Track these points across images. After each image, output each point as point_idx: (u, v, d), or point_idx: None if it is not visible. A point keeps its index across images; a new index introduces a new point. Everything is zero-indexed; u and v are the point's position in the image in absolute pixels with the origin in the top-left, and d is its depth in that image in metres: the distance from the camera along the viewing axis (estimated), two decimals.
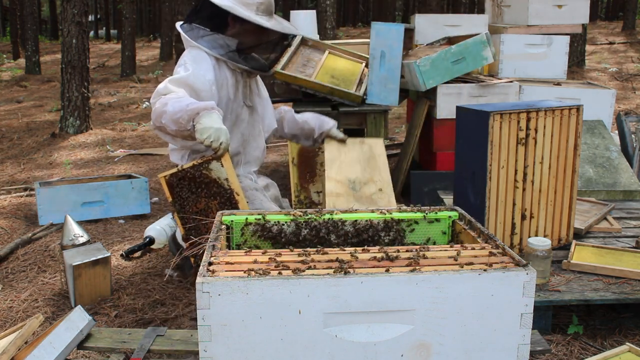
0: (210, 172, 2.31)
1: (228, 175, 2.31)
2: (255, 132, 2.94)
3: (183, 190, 2.34)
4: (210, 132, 2.23)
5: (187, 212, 2.35)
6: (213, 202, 2.32)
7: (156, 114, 2.37)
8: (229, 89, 2.72)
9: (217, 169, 2.31)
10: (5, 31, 26.60)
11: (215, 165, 2.31)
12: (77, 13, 6.83)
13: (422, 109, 4.23)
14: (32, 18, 14.18)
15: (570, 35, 4.50)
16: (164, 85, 2.48)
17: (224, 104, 2.70)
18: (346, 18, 33.56)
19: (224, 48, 2.69)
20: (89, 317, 1.99)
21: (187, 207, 2.35)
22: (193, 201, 2.34)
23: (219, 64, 2.69)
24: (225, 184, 2.31)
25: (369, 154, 2.93)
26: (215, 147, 2.26)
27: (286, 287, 1.25)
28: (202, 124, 2.25)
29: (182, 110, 2.28)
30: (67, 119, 7.06)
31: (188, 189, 2.34)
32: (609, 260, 2.56)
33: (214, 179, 2.32)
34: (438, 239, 1.77)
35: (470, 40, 3.89)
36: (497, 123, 2.48)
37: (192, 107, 2.28)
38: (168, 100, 2.36)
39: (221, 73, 2.69)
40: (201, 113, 2.26)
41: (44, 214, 3.87)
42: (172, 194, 2.36)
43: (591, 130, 3.96)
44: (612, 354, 2.02)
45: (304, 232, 1.69)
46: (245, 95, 2.85)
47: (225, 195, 2.31)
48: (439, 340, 1.32)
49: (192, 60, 2.62)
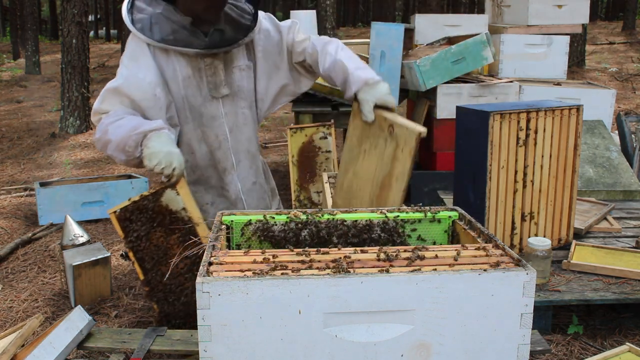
0: (165, 203, 2.00)
1: (185, 204, 2.00)
2: (240, 122, 2.36)
3: (136, 226, 2.02)
4: (159, 157, 1.93)
5: (143, 250, 2.04)
6: (171, 237, 2.01)
7: (100, 143, 2.07)
8: (181, 84, 2.20)
9: (172, 198, 2.00)
10: (5, 31, 26.60)
11: (170, 194, 2.00)
12: (77, 13, 6.83)
13: (422, 109, 4.23)
14: (32, 18, 14.17)
15: (570, 35, 4.50)
16: (99, 100, 2.13)
17: (179, 103, 2.23)
18: (346, 18, 33.56)
19: (171, 28, 2.12)
20: (89, 317, 1.99)
21: (142, 244, 2.03)
22: (148, 237, 2.02)
23: (167, 53, 2.16)
24: (183, 214, 1.99)
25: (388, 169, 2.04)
26: (168, 174, 1.96)
27: (286, 287, 1.25)
28: (150, 148, 1.94)
29: (128, 135, 1.97)
30: (67, 119, 7.06)
31: (141, 224, 2.01)
32: (609, 260, 2.56)
33: (169, 209, 2.00)
34: (438, 239, 1.76)
35: (470, 40, 3.89)
36: (497, 123, 2.48)
37: (139, 130, 1.97)
38: (108, 127, 2.03)
39: (169, 65, 2.17)
40: (149, 135, 1.96)
41: (44, 214, 3.88)
42: (124, 231, 2.03)
43: (591, 130, 3.96)
44: (612, 354, 2.02)
45: (304, 232, 1.69)
46: (215, 84, 2.25)
47: (185, 227, 2.00)
48: (439, 340, 1.32)
49: (130, 57, 2.15)
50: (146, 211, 2.01)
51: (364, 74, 2.20)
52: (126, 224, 2.03)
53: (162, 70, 2.16)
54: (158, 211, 2.00)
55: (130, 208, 2.01)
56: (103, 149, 2.08)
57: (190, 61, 2.19)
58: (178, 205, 2.00)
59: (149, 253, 2.04)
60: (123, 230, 2.04)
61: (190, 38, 2.14)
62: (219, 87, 2.27)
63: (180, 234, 2.00)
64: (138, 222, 2.02)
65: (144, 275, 2.07)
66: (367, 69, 2.25)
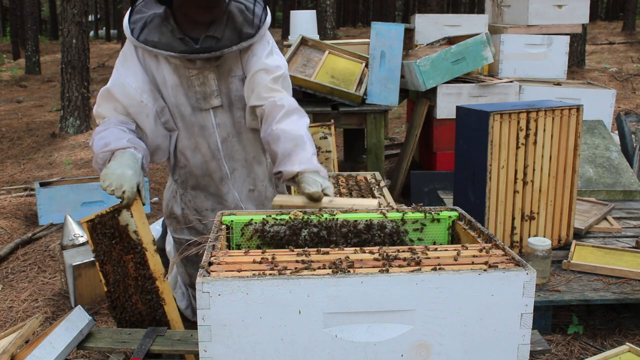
0: (120, 222, 1.98)
1: (137, 227, 1.96)
2: (235, 131, 2.24)
3: (101, 239, 2.03)
4: (111, 178, 1.89)
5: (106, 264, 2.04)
6: (126, 256, 2.00)
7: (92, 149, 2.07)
8: (170, 92, 2.13)
9: (127, 219, 1.98)
10: (5, 31, 26.60)
11: (126, 214, 1.98)
12: (77, 13, 6.83)
13: (422, 109, 4.23)
14: (32, 18, 14.17)
15: (570, 35, 4.50)
16: (97, 103, 2.12)
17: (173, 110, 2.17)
18: (346, 18, 33.56)
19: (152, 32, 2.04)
20: (89, 317, 1.99)
21: (104, 257, 2.05)
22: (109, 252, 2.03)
23: (157, 58, 2.09)
24: (134, 236, 1.97)
25: None
26: (118, 196, 1.91)
27: (286, 287, 1.25)
28: (107, 168, 1.91)
29: (101, 151, 1.98)
30: (67, 119, 7.06)
31: (104, 238, 2.02)
32: (609, 260, 2.56)
33: (124, 230, 1.99)
34: (438, 239, 1.76)
35: (470, 40, 3.89)
36: (497, 123, 2.48)
37: (107, 148, 1.96)
38: (94, 137, 2.03)
39: (159, 71, 2.11)
40: (115, 153, 1.95)
41: (44, 214, 3.88)
42: (93, 241, 2.05)
43: (591, 130, 3.96)
44: (612, 354, 2.02)
45: (303, 232, 1.69)
46: (205, 94, 2.14)
47: (136, 250, 1.97)
48: (439, 340, 1.32)
49: (121, 61, 2.12)
50: (108, 227, 2.01)
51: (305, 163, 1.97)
52: (93, 235, 2.04)
53: (153, 75, 2.11)
54: (116, 229, 2.00)
55: (96, 221, 2.02)
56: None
57: (177, 68, 2.10)
58: (132, 227, 1.98)
59: (110, 268, 2.05)
60: (92, 240, 2.05)
61: (175, 42, 2.02)
62: (208, 98, 2.15)
63: (133, 254, 1.99)
64: (102, 235, 2.03)
65: (106, 287, 2.08)
66: (308, 153, 2.00)
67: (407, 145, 4.41)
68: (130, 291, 2.03)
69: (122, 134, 2.04)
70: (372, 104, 4.16)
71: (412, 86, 4.03)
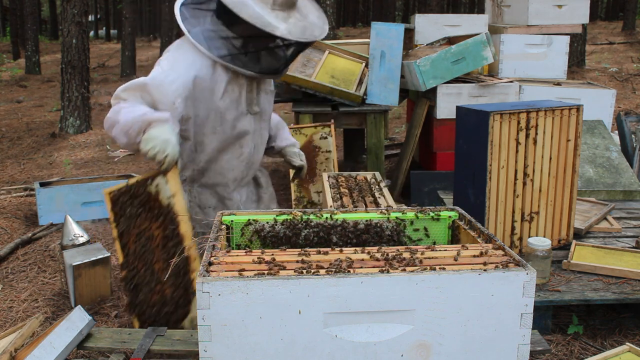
0: (154, 190, 2.01)
1: (172, 194, 1.99)
2: (263, 142, 2.53)
3: (126, 209, 2.04)
4: (155, 142, 1.96)
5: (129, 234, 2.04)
6: (154, 224, 2.00)
7: (109, 123, 2.11)
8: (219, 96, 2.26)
9: (162, 185, 2.01)
10: (5, 31, 26.60)
11: (160, 181, 2.01)
12: (77, 13, 6.83)
13: (422, 109, 4.23)
14: (32, 18, 14.17)
15: (570, 35, 4.50)
16: (123, 87, 2.17)
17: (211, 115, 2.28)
18: (346, 18, 33.56)
19: (226, 48, 2.20)
20: (89, 317, 1.99)
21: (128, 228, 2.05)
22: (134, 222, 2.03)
23: (215, 65, 2.23)
24: (167, 202, 1.99)
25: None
26: (160, 160, 1.98)
27: (286, 287, 1.25)
28: (149, 134, 1.98)
29: (135, 120, 2.01)
30: (67, 119, 7.06)
31: (131, 208, 2.03)
32: (609, 260, 2.56)
33: (157, 197, 2.01)
34: (438, 239, 1.76)
35: (470, 40, 3.89)
36: (497, 123, 2.48)
37: (146, 117, 2.02)
38: (121, 109, 2.08)
39: (215, 76, 2.23)
40: (153, 124, 2.01)
41: (44, 214, 3.87)
42: (115, 213, 2.06)
43: (591, 130, 3.96)
44: (612, 354, 2.02)
45: (303, 232, 1.69)
46: (251, 100, 2.36)
47: (167, 216, 1.99)
48: (439, 340, 1.32)
49: (169, 61, 2.22)
50: (136, 196, 2.02)
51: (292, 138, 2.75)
52: (117, 206, 2.05)
53: (202, 80, 2.20)
54: (147, 197, 2.02)
55: (123, 190, 2.04)
56: (109, 128, 2.11)
57: (234, 76, 2.26)
58: (165, 194, 2.00)
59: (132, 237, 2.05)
60: (113, 211, 2.06)
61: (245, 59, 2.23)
62: (252, 104, 2.36)
63: (163, 223, 2.00)
64: (128, 205, 2.03)
65: (123, 257, 2.07)
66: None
67: (407, 145, 4.41)
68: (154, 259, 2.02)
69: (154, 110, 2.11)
70: (372, 104, 4.16)
71: (412, 86, 4.03)
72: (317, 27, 2.24)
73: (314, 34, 2.21)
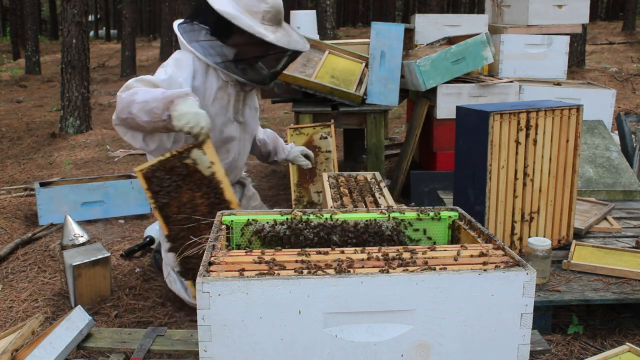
0: (192, 161, 2.12)
1: (211, 164, 2.12)
2: (246, 150, 2.77)
3: (163, 184, 2.11)
4: (188, 117, 2.08)
5: (169, 208, 2.13)
6: (197, 194, 2.11)
7: (123, 103, 2.19)
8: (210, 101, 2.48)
9: (199, 157, 2.12)
10: (5, 31, 26.61)
11: (197, 153, 2.12)
12: (77, 13, 6.83)
13: (422, 109, 4.23)
14: (32, 18, 14.17)
15: (570, 35, 4.50)
16: (134, 80, 2.30)
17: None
18: (346, 18, 33.58)
19: (220, 56, 2.45)
20: (89, 317, 1.99)
21: (168, 201, 2.13)
22: (175, 195, 2.12)
23: (208, 73, 2.47)
24: (208, 172, 2.11)
25: None
26: (196, 133, 2.10)
27: (286, 287, 1.25)
28: (178, 111, 2.08)
29: (156, 99, 2.12)
30: (67, 119, 7.06)
31: (169, 182, 2.12)
32: (609, 260, 2.56)
33: (196, 168, 2.12)
34: (438, 239, 1.77)
35: (470, 40, 3.89)
36: (497, 123, 2.48)
37: (167, 94, 2.12)
38: (138, 90, 2.18)
39: (207, 83, 2.47)
40: (176, 101, 2.11)
41: (44, 214, 3.87)
42: (151, 189, 2.13)
43: (591, 130, 3.96)
44: (612, 354, 2.02)
45: (303, 232, 1.69)
46: (237, 110, 2.61)
47: (210, 185, 2.11)
48: (439, 340, 1.32)
49: (175, 64, 2.42)
50: (173, 169, 2.11)
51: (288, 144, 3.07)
52: (153, 182, 2.12)
53: (199, 85, 2.43)
54: (185, 169, 2.11)
55: (157, 166, 2.11)
56: (125, 107, 2.18)
57: (225, 85, 2.51)
58: (204, 164, 2.12)
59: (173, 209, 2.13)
60: (149, 187, 2.13)
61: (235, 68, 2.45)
62: (238, 113, 2.62)
63: (205, 190, 2.12)
64: (165, 179, 2.11)
65: (168, 231, 2.14)
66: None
67: (407, 145, 4.41)
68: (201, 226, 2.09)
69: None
70: (372, 104, 4.16)
71: (412, 86, 4.02)
72: (300, 43, 2.55)
73: (297, 46, 2.50)
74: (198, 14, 2.54)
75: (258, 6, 2.38)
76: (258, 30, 2.34)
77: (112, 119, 2.32)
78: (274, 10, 2.41)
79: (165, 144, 2.38)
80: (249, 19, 2.36)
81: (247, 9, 2.38)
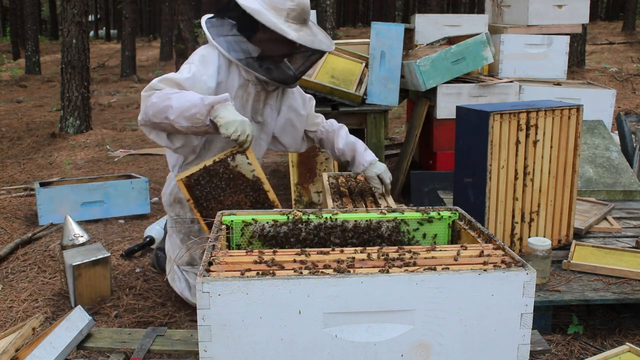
0: (236, 167, 2.20)
1: (254, 168, 2.21)
2: (261, 150, 2.71)
3: (205, 189, 2.20)
4: (235, 125, 2.11)
5: (212, 212, 2.19)
6: (240, 196, 2.21)
7: (156, 108, 2.20)
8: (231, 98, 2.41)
9: (242, 161, 2.21)
10: (5, 31, 26.62)
11: (240, 158, 2.21)
12: (77, 13, 6.83)
13: (422, 109, 4.23)
14: (32, 18, 14.18)
15: (570, 35, 4.50)
16: (159, 79, 2.30)
17: None
18: (346, 18, 33.59)
19: (243, 53, 2.43)
20: (89, 317, 1.99)
21: (210, 206, 2.21)
22: (217, 199, 2.21)
23: (230, 69, 2.45)
24: (251, 175, 2.20)
25: None
26: (243, 141, 2.14)
27: (286, 287, 1.25)
28: (224, 118, 2.11)
29: (196, 104, 2.13)
30: (67, 119, 7.06)
31: (211, 187, 2.20)
32: (609, 260, 2.56)
33: (239, 173, 2.21)
34: (438, 239, 1.77)
35: (470, 40, 3.89)
36: (497, 123, 2.48)
37: (207, 101, 2.14)
38: (171, 95, 2.19)
39: (229, 80, 2.45)
40: (216, 107, 2.13)
41: (44, 214, 3.87)
42: (193, 196, 2.21)
43: (591, 130, 3.96)
44: (612, 354, 2.02)
45: (303, 232, 1.69)
46: (256, 109, 2.57)
47: (254, 188, 2.20)
48: (439, 340, 1.32)
49: (200, 61, 2.41)
50: (216, 174, 2.20)
51: (369, 157, 2.65)
52: (194, 189, 2.20)
53: (222, 81, 2.41)
54: (229, 174, 2.20)
55: (199, 173, 2.19)
56: (158, 112, 2.18)
57: (245, 84, 2.47)
58: (247, 168, 2.21)
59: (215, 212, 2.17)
60: (191, 194, 2.21)
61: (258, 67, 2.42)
62: (257, 113, 2.57)
63: (249, 193, 2.21)
64: (208, 185, 2.20)
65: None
66: (369, 151, 2.70)
67: (407, 145, 4.41)
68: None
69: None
70: (372, 104, 4.16)
71: (412, 86, 4.02)
72: (325, 43, 2.47)
73: (321, 46, 2.43)
74: (225, 9, 2.52)
75: (283, 3, 2.35)
76: (280, 27, 2.30)
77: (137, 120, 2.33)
78: (299, 8, 2.36)
79: (192, 141, 2.41)
80: (272, 15, 2.33)
81: (273, 5, 2.35)
